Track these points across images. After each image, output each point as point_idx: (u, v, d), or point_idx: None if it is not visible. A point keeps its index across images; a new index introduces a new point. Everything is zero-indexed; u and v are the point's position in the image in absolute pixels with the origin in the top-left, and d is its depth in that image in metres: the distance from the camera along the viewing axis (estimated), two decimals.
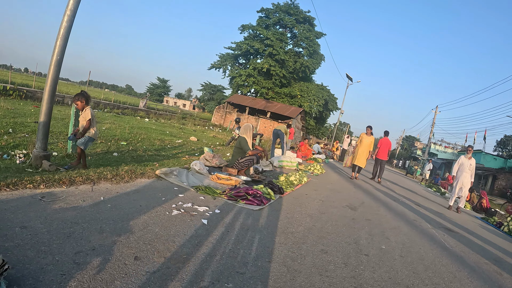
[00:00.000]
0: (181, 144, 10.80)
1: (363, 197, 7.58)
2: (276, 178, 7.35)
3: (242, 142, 6.85)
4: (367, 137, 11.07)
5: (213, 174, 6.16)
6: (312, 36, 40.16)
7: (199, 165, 6.50)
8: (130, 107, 26.58)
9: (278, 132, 11.68)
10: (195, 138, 13.51)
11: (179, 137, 12.69)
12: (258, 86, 39.31)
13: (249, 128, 7.04)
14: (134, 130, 11.49)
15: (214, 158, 7.40)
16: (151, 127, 14.73)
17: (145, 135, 10.69)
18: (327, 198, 6.33)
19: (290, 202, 5.31)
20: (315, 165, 11.18)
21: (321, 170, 11.00)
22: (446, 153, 62.18)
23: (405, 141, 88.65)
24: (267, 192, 5.16)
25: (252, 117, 35.21)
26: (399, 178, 21.32)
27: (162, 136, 11.79)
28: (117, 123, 12.95)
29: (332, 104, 43.10)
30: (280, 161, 9.88)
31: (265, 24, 41.47)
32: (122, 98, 39.30)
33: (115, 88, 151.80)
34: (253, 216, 4.07)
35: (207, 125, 30.47)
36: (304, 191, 6.60)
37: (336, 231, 4.21)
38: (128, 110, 23.89)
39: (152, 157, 7.41)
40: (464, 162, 9.65)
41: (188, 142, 11.85)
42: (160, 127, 15.61)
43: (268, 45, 38.00)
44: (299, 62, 38.79)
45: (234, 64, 43.50)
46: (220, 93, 60.96)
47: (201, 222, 3.46)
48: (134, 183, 4.54)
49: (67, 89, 31.92)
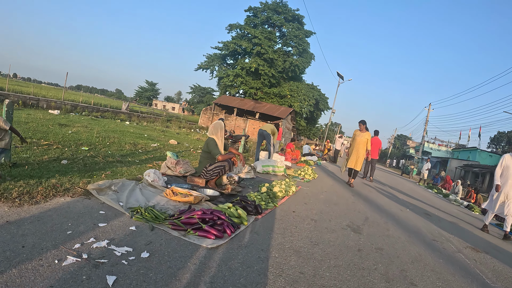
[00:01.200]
0: (156, 148, 9.35)
1: (365, 209, 6.10)
2: (256, 189, 5.87)
3: (210, 145, 5.37)
4: (361, 134, 9.27)
5: (170, 186, 4.69)
6: (302, 34, 39.03)
7: (153, 175, 5.00)
8: (110, 110, 25.08)
9: (264, 132, 10.12)
10: (175, 141, 12.07)
11: (157, 141, 11.31)
12: (246, 86, 37.99)
13: (220, 126, 5.54)
14: (106, 134, 10.16)
15: (178, 165, 5.90)
16: (129, 130, 13.37)
17: (116, 139, 9.32)
18: (321, 216, 4.82)
19: (269, 227, 3.79)
20: (306, 169, 9.70)
21: (313, 174, 9.54)
22: (440, 151, 61.37)
23: (397, 140, 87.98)
24: (236, 215, 3.66)
25: (241, 118, 33.81)
26: (395, 179, 19.97)
27: (137, 139, 10.37)
28: (90, 126, 11.59)
29: (323, 104, 41.83)
30: (264, 166, 8.36)
31: (253, 23, 40.19)
32: (104, 101, 37.42)
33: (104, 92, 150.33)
34: (204, 260, 2.58)
35: (193, 127, 29.05)
36: (292, 206, 5.10)
37: (337, 282, 2.73)
38: (108, 113, 22.46)
39: (111, 163, 5.94)
40: (510, 165, 6.71)
41: (166, 145, 10.38)
42: (139, 130, 14.36)
43: (256, 44, 36.65)
44: (289, 61, 37.52)
45: (222, 64, 42.16)
46: (209, 95, 59.75)
47: (102, 284, 1.96)
48: (46, 204, 3.13)
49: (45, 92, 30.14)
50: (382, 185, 12.52)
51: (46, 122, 10.31)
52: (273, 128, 10.36)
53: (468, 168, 36.89)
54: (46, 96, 22.49)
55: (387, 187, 12.12)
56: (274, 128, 10.42)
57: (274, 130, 10.34)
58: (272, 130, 10.29)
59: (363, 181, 10.67)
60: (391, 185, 13.93)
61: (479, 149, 42.97)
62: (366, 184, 11.12)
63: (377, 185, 11.68)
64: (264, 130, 10.09)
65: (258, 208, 4.15)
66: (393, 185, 13.91)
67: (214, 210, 3.59)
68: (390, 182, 15.66)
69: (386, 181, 15.60)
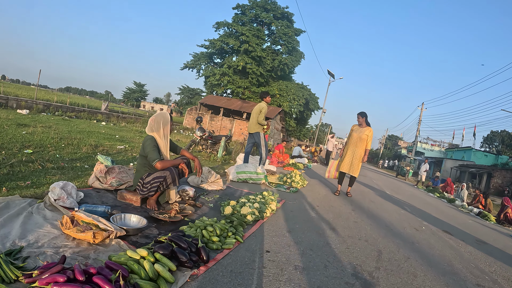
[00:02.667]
0: (122, 150, 7.94)
1: (374, 235, 4.37)
2: (218, 209, 4.14)
3: (146, 146, 3.62)
4: (360, 129, 7.30)
5: (79, 209, 3.01)
6: (291, 32, 37.61)
7: (60, 191, 3.29)
8: (87, 110, 23.31)
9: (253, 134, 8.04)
10: None
11: (127, 142, 9.92)
12: (233, 85, 36.42)
13: (163, 119, 3.79)
14: (70, 135, 8.95)
15: (109, 174, 4.17)
16: (100, 131, 11.91)
17: (76, 141, 8.02)
18: (311, 258, 3.03)
19: None
20: (294, 174, 7.95)
21: (302, 181, 7.82)
22: (433, 151, 60.28)
23: (388, 141, 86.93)
24: (149, 275, 1.98)
25: (227, 118, 32.10)
26: (392, 182, 18.40)
27: (102, 141, 8.99)
28: (55, 127, 10.28)
29: (313, 104, 40.30)
30: (239, 173, 6.60)
31: (241, 21, 38.70)
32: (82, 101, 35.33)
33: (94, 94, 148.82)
34: None
35: (177, 128, 27.40)
36: (267, 238, 3.33)
37: None
38: (84, 114, 20.75)
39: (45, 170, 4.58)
40: None
41: (136, 147, 8.76)
42: (113, 131, 12.98)
43: (243, 42, 35.08)
44: (278, 60, 36.08)
45: (209, 63, 40.62)
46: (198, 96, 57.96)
47: None
48: None
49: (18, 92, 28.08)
50: (381, 191, 10.91)
51: (3, 122, 9.32)
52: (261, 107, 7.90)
53: (464, 168, 35.61)
54: (18, 96, 21.17)
55: (386, 193, 10.51)
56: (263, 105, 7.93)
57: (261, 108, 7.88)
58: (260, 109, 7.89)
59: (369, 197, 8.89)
60: (390, 190, 12.31)
61: (474, 149, 41.82)
62: (364, 191, 9.48)
63: (375, 191, 10.06)
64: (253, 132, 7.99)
65: (201, 253, 2.44)
66: (392, 190, 12.30)
67: (103, 267, 1.92)
68: (388, 186, 14.06)
69: (384, 185, 14.00)
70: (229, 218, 3.44)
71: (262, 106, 7.90)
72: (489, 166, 32.70)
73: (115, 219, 2.95)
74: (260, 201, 4.34)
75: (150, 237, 2.85)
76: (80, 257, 2.33)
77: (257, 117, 7.86)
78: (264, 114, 7.91)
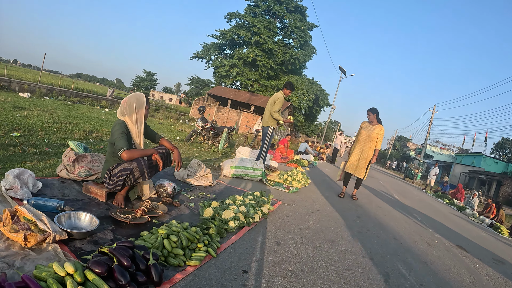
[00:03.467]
0: None
1: (381, 252, 3.74)
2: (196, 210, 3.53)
3: (114, 132, 3.06)
4: (370, 127, 6.60)
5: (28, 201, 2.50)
6: (304, 26, 36.66)
7: (13, 179, 2.79)
8: (91, 95, 22.91)
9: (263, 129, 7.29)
10: None
11: None
12: (242, 77, 35.70)
13: (137, 101, 3.20)
14: (66, 119, 8.59)
15: (77, 162, 3.61)
16: (101, 117, 11.54)
17: (71, 126, 7.68)
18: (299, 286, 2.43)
19: None
20: (296, 172, 7.33)
21: (304, 180, 7.20)
22: (442, 155, 59.07)
23: (397, 142, 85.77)
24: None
25: (234, 110, 31.44)
26: (399, 185, 17.66)
27: (100, 127, 8.61)
28: (53, 111, 9.99)
29: (323, 100, 39.42)
30: (234, 168, 6.01)
31: (254, 13, 37.80)
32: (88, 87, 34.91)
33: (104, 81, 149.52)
34: None
35: (182, 118, 26.88)
36: (248, 251, 2.74)
37: None
38: (87, 99, 20.33)
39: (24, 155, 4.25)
40: None
41: None
42: (114, 118, 12.44)
43: (255, 33, 34.32)
44: (289, 54, 35.21)
45: (219, 54, 39.93)
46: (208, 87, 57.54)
47: None
48: None
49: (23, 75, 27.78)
50: (389, 194, 10.27)
51: (0, 104, 9.12)
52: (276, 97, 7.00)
53: (474, 174, 34.63)
54: (22, 79, 20.75)
55: (394, 197, 9.87)
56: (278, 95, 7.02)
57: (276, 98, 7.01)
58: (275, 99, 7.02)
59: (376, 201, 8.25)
60: (398, 194, 11.64)
61: (484, 155, 40.66)
62: (371, 194, 8.85)
63: (382, 195, 9.43)
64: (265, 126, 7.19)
65: (152, 272, 1.86)
66: (400, 194, 11.62)
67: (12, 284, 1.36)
68: (396, 189, 13.36)
69: (392, 188, 13.33)
70: (205, 224, 2.85)
71: (278, 96, 7.01)
72: (499, 174, 31.75)
73: (62, 218, 2.38)
74: (249, 203, 3.73)
75: (100, 243, 2.29)
76: (4, 264, 1.81)
77: (271, 108, 7.04)
78: (278, 106, 6.99)
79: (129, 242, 1.98)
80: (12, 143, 4.70)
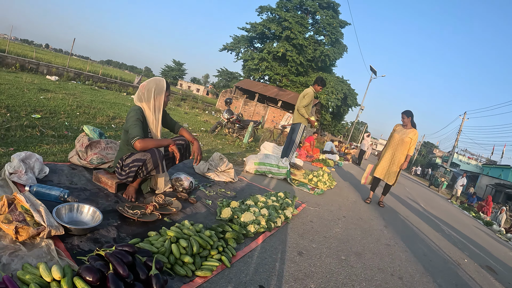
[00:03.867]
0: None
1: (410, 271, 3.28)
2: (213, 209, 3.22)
3: (128, 118, 2.80)
4: (404, 131, 6.12)
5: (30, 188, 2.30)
6: (336, 23, 35.75)
7: (18, 163, 2.61)
8: (119, 82, 23.06)
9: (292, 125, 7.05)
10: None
11: None
12: (271, 72, 35.28)
13: (156, 87, 2.93)
14: (91, 104, 8.59)
15: (90, 149, 3.39)
16: (126, 103, 11.46)
17: (95, 110, 7.63)
18: None
19: None
20: (322, 173, 6.96)
21: (330, 182, 6.82)
22: (470, 165, 56.89)
23: (423, 148, 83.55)
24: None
25: (261, 104, 31.07)
26: (425, 193, 16.93)
27: (125, 113, 8.44)
28: (79, 95, 10.04)
29: (351, 100, 38.49)
30: (258, 164, 5.69)
31: (285, 8, 37.12)
32: (116, 73, 35.13)
33: (133, 69, 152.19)
34: None
35: (208, 109, 26.79)
36: (265, 262, 2.45)
37: None
38: (115, 85, 20.47)
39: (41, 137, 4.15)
40: None
41: None
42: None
43: (285, 28, 33.76)
44: (319, 50, 34.43)
45: (248, 47, 39.59)
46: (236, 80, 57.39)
47: None
48: None
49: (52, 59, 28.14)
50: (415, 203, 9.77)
51: (26, 85, 8.96)
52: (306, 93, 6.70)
53: (501, 188, 32.93)
54: (51, 62, 21.09)
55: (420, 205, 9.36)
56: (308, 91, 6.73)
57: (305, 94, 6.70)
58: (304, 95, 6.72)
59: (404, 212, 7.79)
60: (424, 203, 11.06)
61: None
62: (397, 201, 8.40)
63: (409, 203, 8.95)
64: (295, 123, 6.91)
65: (152, 284, 1.58)
66: (426, 203, 11.04)
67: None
68: (422, 198, 12.74)
69: (418, 196, 12.74)
70: (221, 227, 2.56)
71: (307, 92, 6.70)
72: None
73: (62, 210, 2.15)
74: (272, 205, 3.43)
75: (100, 241, 2.05)
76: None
77: (299, 103, 6.75)
78: (307, 101, 6.63)
79: (130, 246, 1.71)
80: (31, 125, 4.60)
